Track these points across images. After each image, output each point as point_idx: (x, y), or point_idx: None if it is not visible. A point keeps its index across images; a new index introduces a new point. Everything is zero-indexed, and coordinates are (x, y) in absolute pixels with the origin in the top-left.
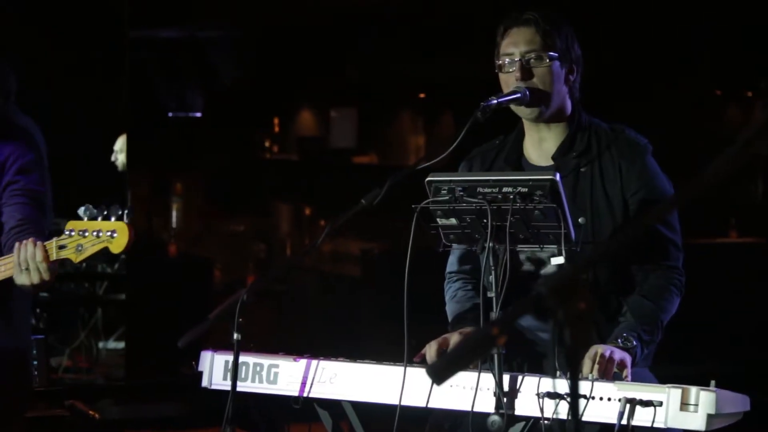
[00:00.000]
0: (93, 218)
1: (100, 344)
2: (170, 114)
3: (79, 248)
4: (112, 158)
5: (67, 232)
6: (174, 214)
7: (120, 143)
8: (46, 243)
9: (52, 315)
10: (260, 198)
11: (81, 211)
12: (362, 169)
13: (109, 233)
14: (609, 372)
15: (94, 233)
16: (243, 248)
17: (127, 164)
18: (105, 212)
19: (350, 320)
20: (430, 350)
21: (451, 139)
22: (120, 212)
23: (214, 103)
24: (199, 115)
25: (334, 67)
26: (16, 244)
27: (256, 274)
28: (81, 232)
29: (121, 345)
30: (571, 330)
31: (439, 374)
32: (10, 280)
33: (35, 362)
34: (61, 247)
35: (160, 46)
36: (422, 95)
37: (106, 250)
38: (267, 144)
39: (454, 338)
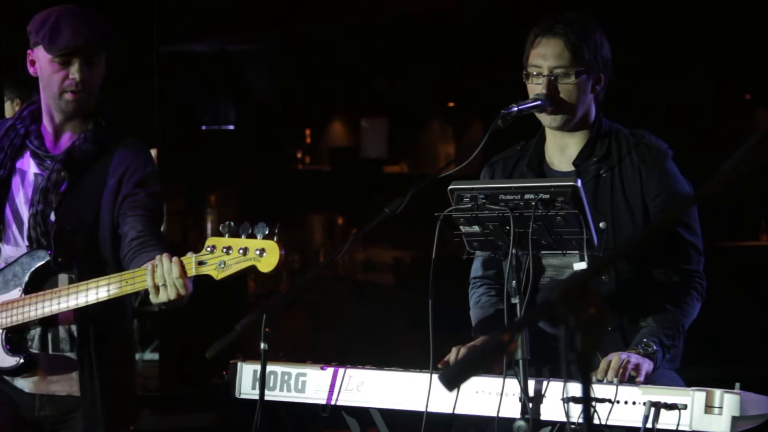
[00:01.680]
0: (234, 235)
1: (137, 356)
2: (204, 127)
3: (221, 265)
4: None
5: (208, 248)
6: (208, 225)
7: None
8: (184, 258)
9: None
10: (293, 208)
11: (223, 227)
12: (393, 178)
13: (257, 252)
14: (624, 377)
15: (240, 251)
16: None
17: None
18: (250, 230)
19: (383, 327)
20: (453, 357)
21: (473, 147)
22: (266, 230)
23: (247, 116)
24: (232, 127)
25: (365, 78)
26: (149, 264)
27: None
28: (225, 249)
29: (157, 356)
30: (582, 336)
31: (451, 381)
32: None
33: None
34: (201, 263)
35: (192, 61)
36: (451, 104)
37: (253, 268)
38: (299, 155)
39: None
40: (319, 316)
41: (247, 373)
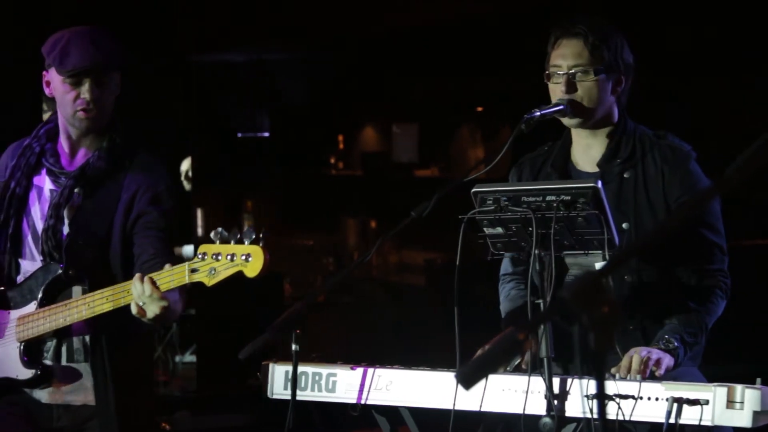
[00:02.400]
0: (225, 241)
1: (177, 358)
2: (239, 134)
3: (212, 272)
4: (183, 178)
5: (199, 256)
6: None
7: (186, 164)
8: (176, 267)
9: None
10: (327, 213)
11: (213, 234)
12: (424, 182)
13: (243, 257)
14: (645, 373)
15: (228, 257)
16: (312, 262)
17: (194, 183)
18: (238, 235)
19: (415, 328)
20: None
21: (498, 151)
22: (254, 236)
23: (281, 123)
24: (267, 134)
25: (395, 84)
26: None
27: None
28: (214, 256)
29: (195, 359)
30: (595, 333)
31: (467, 379)
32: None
33: None
34: (193, 271)
35: (227, 70)
36: (480, 109)
37: (240, 273)
38: (332, 161)
39: None
40: (353, 318)
41: (279, 374)
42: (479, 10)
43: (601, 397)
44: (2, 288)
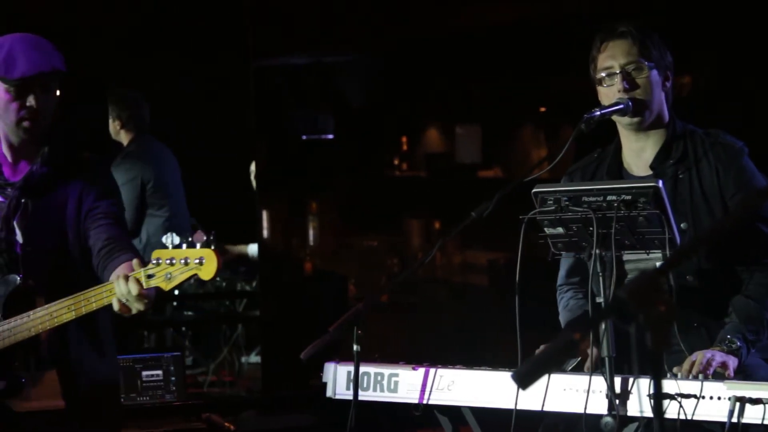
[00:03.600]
0: (177, 246)
1: (243, 359)
2: (303, 137)
3: (168, 276)
4: (251, 179)
5: (154, 261)
6: (310, 232)
7: (255, 167)
8: (133, 274)
9: (196, 333)
10: (391, 214)
11: (166, 239)
12: (487, 182)
13: (197, 260)
14: (707, 374)
15: (182, 261)
16: (377, 263)
17: (260, 186)
18: (189, 239)
19: (478, 328)
20: None
21: (558, 151)
22: (205, 239)
23: (345, 125)
24: (330, 137)
25: (458, 86)
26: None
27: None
28: (168, 261)
29: (260, 360)
30: (652, 332)
31: (524, 379)
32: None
33: (173, 378)
34: (150, 276)
35: (289, 73)
36: (543, 109)
37: (197, 276)
38: (396, 162)
39: None
40: (417, 318)
41: (341, 374)
42: (540, 11)
43: (658, 397)
44: None
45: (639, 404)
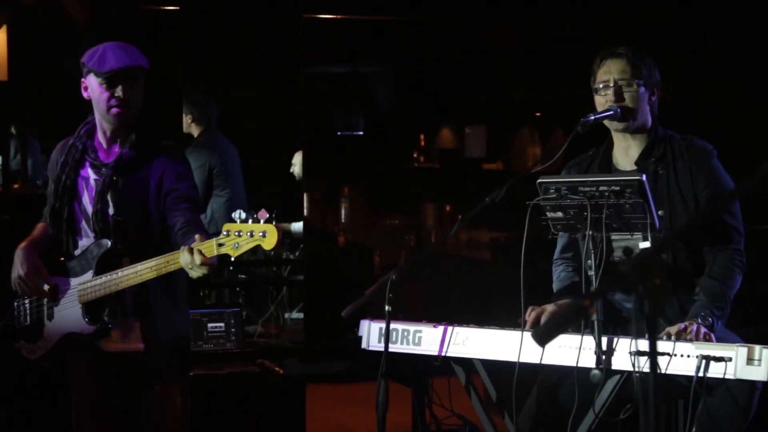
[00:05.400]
0: (244, 221)
1: (286, 315)
2: (339, 133)
3: (236, 246)
4: (291, 169)
5: (224, 232)
6: (342, 212)
7: (296, 158)
8: (206, 242)
9: (248, 293)
10: (410, 198)
11: (235, 215)
12: (491, 174)
13: (261, 233)
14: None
15: (248, 233)
16: (397, 238)
17: (303, 173)
18: (255, 215)
19: (482, 295)
20: (529, 316)
21: (557, 148)
22: (267, 215)
23: (374, 124)
24: (361, 133)
25: (468, 93)
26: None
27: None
28: (237, 233)
29: (302, 316)
30: (650, 301)
31: (543, 338)
32: (174, 271)
33: (233, 330)
34: (220, 245)
35: (331, 80)
36: (538, 114)
37: (258, 247)
38: (415, 155)
39: (549, 308)
40: (431, 285)
41: (374, 330)
42: (536, 35)
43: (653, 354)
44: (63, 259)
45: (621, 360)
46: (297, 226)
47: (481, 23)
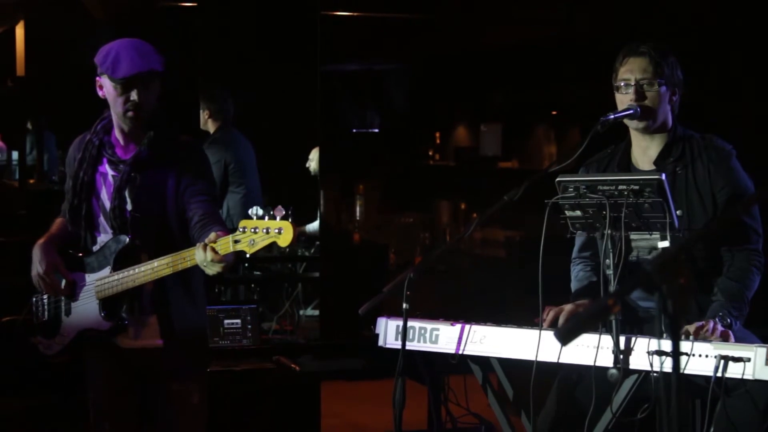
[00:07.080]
0: (260, 218)
1: (301, 312)
2: (354, 130)
3: (252, 242)
4: (307, 165)
5: (240, 229)
6: (358, 209)
7: (313, 154)
8: (222, 239)
9: (263, 289)
10: (425, 196)
11: (251, 211)
12: (506, 172)
13: (276, 230)
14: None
15: (264, 230)
16: (412, 236)
17: (319, 170)
18: (271, 212)
19: (497, 293)
20: (547, 315)
21: (576, 147)
22: (283, 212)
23: (389, 122)
24: (377, 131)
25: (484, 92)
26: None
27: (421, 257)
28: (253, 229)
29: (317, 312)
30: (673, 300)
31: (565, 337)
32: (191, 268)
33: (249, 326)
34: (236, 242)
35: (346, 78)
36: (554, 113)
37: (274, 244)
38: (430, 153)
39: (567, 307)
40: (447, 283)
41: (391, 328)
42: (552, 34)
43: (676, 354)
44: (81, 255)
45: (639, 359)
46: (313, 227)
47: (498, 21)
